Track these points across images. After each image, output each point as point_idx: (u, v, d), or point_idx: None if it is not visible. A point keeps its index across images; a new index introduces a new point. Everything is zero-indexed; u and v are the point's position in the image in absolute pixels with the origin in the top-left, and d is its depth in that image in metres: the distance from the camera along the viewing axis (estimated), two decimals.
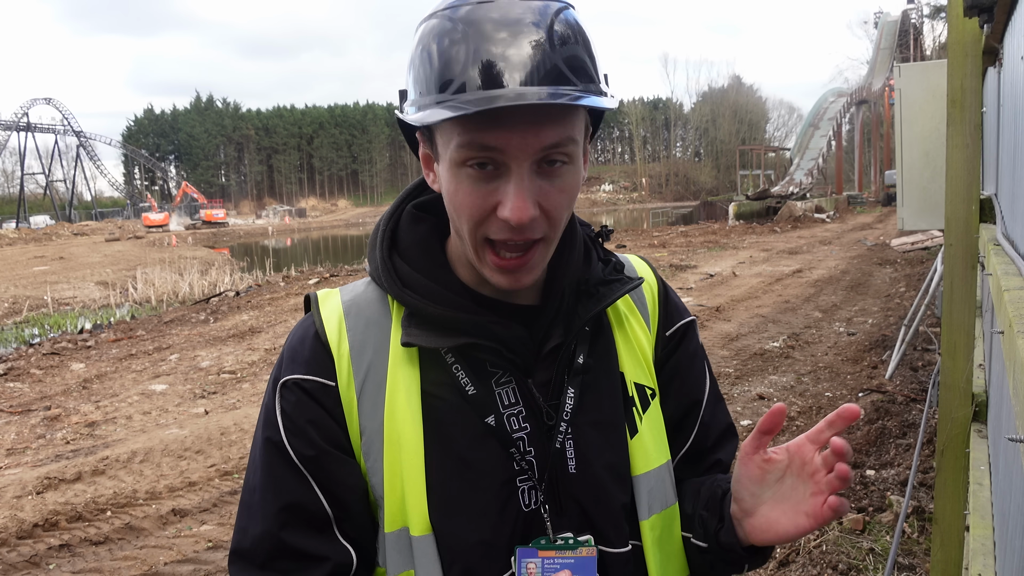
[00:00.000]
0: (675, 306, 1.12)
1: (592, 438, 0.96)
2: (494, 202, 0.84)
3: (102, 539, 4.48)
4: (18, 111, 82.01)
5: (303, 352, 0.94)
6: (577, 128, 0.86)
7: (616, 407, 0.99)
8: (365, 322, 0.96)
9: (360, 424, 0.92)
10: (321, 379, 0.92)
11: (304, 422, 0.91)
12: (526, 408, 0.94)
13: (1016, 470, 1.49)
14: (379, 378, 0.93)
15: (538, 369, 0.96)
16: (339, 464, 0.91)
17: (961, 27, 2.51)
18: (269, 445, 0.92)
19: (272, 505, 0.91)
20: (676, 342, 1.09)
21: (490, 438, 0.92)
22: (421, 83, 0.85)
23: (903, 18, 49.61)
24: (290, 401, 0.92)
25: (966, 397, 2.56)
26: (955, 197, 2.57)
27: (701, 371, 1.12)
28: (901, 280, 12.83)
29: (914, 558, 3.59)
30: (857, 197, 42.09)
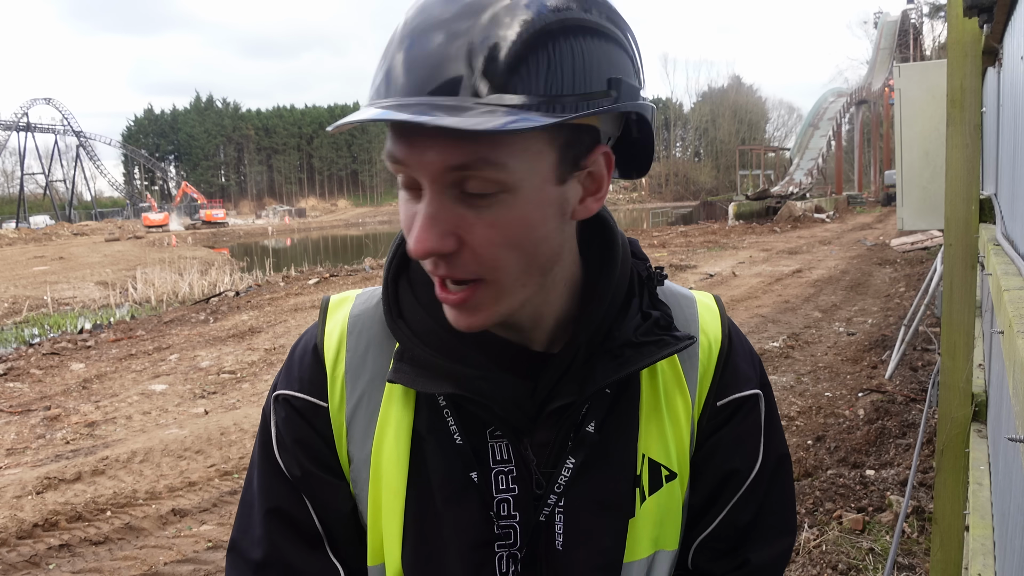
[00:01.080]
0: (736, 372, 0.92)
1: (587, 517, 0.84)
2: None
3: (102, 539, 4.48)
4: (18, 111, 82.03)
5: (300, 366, 0.89)
6: (506, 149, 0.68)
7: (623, 487, 0.86)
8: (367, 343, 0.88)
9: (349, 451, 0.86)
10: (313, 399, 0.87)
11: (292, 441, 0.86)
12: (518, 468, 0.83)
13: (1016, 470, 1.49)
14: (372, 408, 0.85)
15: (540, 428, 0.84)
16: (326, 486, 0.86)
17: (961, 27, 2.51)
18: (265, 451, 0.89)
19: (265, 501, 0.88)
20: (725, 418, 0.91)
21: (471, 495, 0.82)
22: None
23: (903, 18, 49.62)
24: (281, 417, 0.88)
25: (966, 397, 2.56)
26: (955, 197, 2.57)
27: (751, 452, 0.92)
28: (901, 280, 12.83)
29: (914, 558, 3.59)
30: (857, 197, 42.09)
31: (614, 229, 0.87)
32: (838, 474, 4.59)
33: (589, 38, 0.69)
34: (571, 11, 0.69)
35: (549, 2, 0.68)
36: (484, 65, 0.65)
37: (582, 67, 0.69)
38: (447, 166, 0.68)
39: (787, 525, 0.95)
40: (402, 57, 0.67)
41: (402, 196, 0.74)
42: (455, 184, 0.69)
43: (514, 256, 0.72)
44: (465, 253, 0.71)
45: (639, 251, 0.91)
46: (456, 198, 0.70)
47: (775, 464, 0.93)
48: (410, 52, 0.67)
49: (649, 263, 0.91)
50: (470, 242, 0.71)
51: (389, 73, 0.68)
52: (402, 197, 0.74)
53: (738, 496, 0.91)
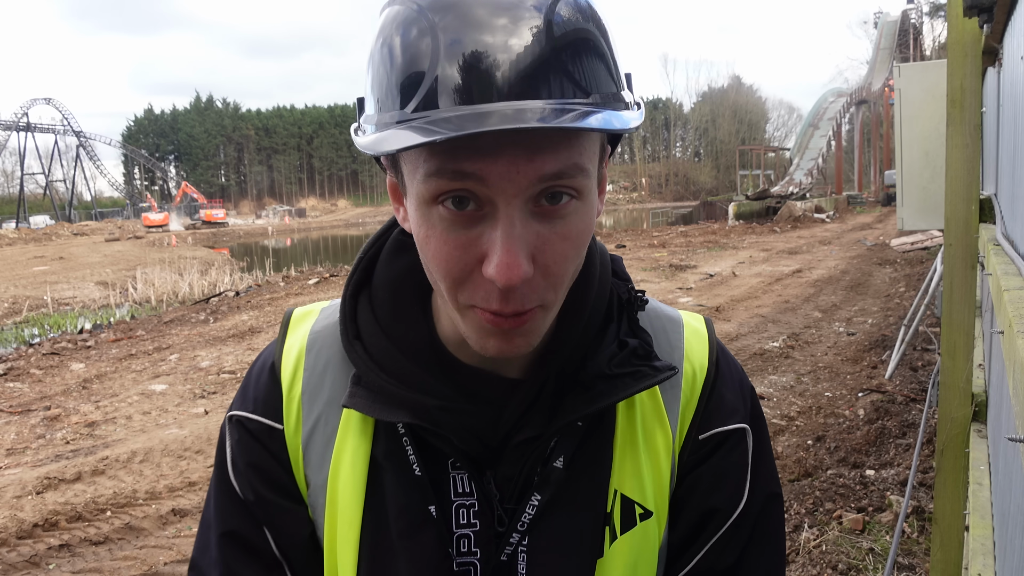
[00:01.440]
0: (722, 403, 0.84)
1: (552, 558, 0.77)
2: (477, 254, 0.64)
3: (102, 539, 4.48)
4: (18, 111, 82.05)
5: (256, 386, 0.84)
6: (588, 152, 0.65)
7: (592, 527, 0.79)
8: (325, 363, 0.82)
9: (306, 474, 0.81)
10: (268, 421, 0.82)
11: (246, 464, 0.82)
12: (479, 503, 0.77)
13: (1016, 470, 1.49)
14: (329, 432, 0.80)
15: (505, 460, 0.77)
16: (282, 512, 0.81)
17: (961, 27, 2.51)
18: (220, 473, 0.84)
19: (221, 524, 0.83)
20: (707, 452, 0.83)
21: (428, 529, 0.76)
22: (380, 91, 0.65)
23: (903, 18, 49.63)
24: (235, 439, 0.83)
25: (966, 397, 2.56)
26: (955, 197, 2.57)
27: (734, 490, 0.83)
28: (901, 280, 12.83)
29: (914, 558, 3.59)
30: (857, 197, 42.10)
31: (593, 243, 0.80)
32: (838, 474, 4.59)
33: (608, 32, 0.67)
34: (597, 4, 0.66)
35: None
36: (577, 60, 0.61)
37: (618, 60, 0.67)
38: (541, 176, 0.62)
39: (776, 570, 0.86)
40: (481, 52, 0.59)
41: (436, 219, 0.65)
42: (533, 198, 0.63)
43: (574, 269, 0.69)
44: (536, 274, 0.65)
45: (621, 270, 0.85)
46: (531, 214, 0.64)
47: (763, 504, 0.85)
48: (487, 48, 0.59)
49: (631, 284, 0.84)
50: (543, 261, 0.65)
51: (468, 73, 0.59)
52: (436, 220, 0.65)
53: (717, 537, 0.83)
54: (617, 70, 0.66)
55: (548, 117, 0.58)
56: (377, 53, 0.66)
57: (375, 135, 0.65)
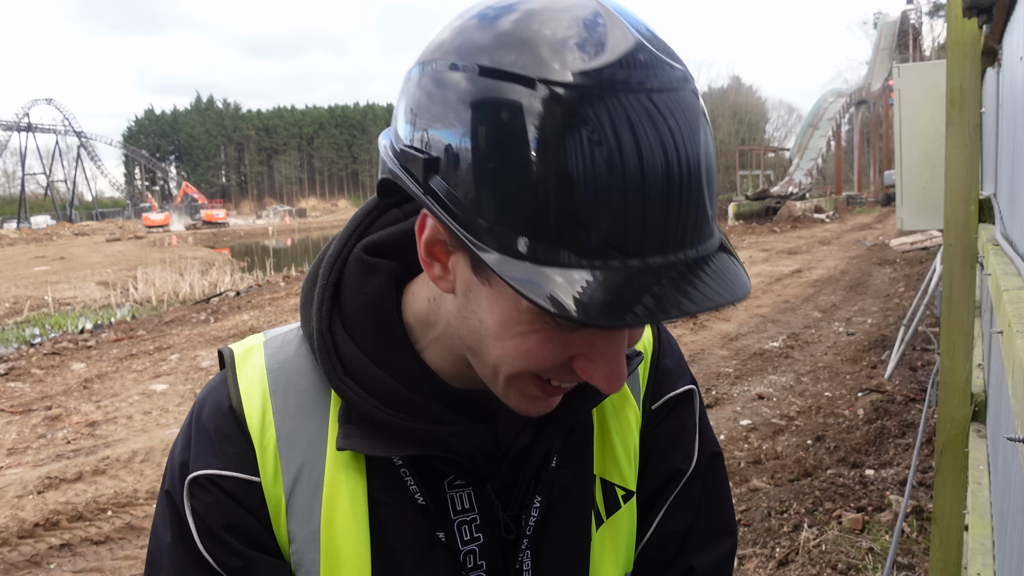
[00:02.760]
0: (667, 372, 0.88)
1: (553, 555, 0.80)
2: (571, 353, 0.62)
3: (103, 538, 4.48)
4: (19, 111, 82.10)
5: (216, 437, 0.74)
6: None
7: (583, 515, 0.82)
8: (296, 403, 0.75)
9: (289, 530, 0.74)
10: (242, 475, 0.73)
11: (222, 528, 0.72)
12: (481, 516, 0.78)
13: (1015, 470, 1.49)
14: (315, 478, 0.74)
15: (504, 469, 0.78)
16: (270, 568, 0.74)
17: (960, 28, 2.51)
18: (179, 551, 0.73)
19: None
20: (661, 417, 0.88)
21: (438, 554, 0.76)
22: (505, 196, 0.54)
23: (902, 19, 49.59)
24: (204, 502, 0.73)
25: (965, 397, 2.57)
26: (954, 197, 2.57)
27: (687, 449, 0.88)
28: (900, 280, 12.83)
29: (913, 557, 3.59)
30: (856, 197, 42.08)
31: None
32: (838, 474, 4.60)
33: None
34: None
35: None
36: (713, 200, 0.58)
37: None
38: None
39: (727, 526, 0.91)
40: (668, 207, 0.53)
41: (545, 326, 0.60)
42: None
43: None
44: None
45: None
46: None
47: (708, 462, 0.90)
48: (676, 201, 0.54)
49: None
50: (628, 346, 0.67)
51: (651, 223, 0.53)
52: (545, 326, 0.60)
53: (674, 496, 0.87)
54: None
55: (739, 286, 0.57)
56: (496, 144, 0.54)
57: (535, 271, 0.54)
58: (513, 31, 0.56)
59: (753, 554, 3.79)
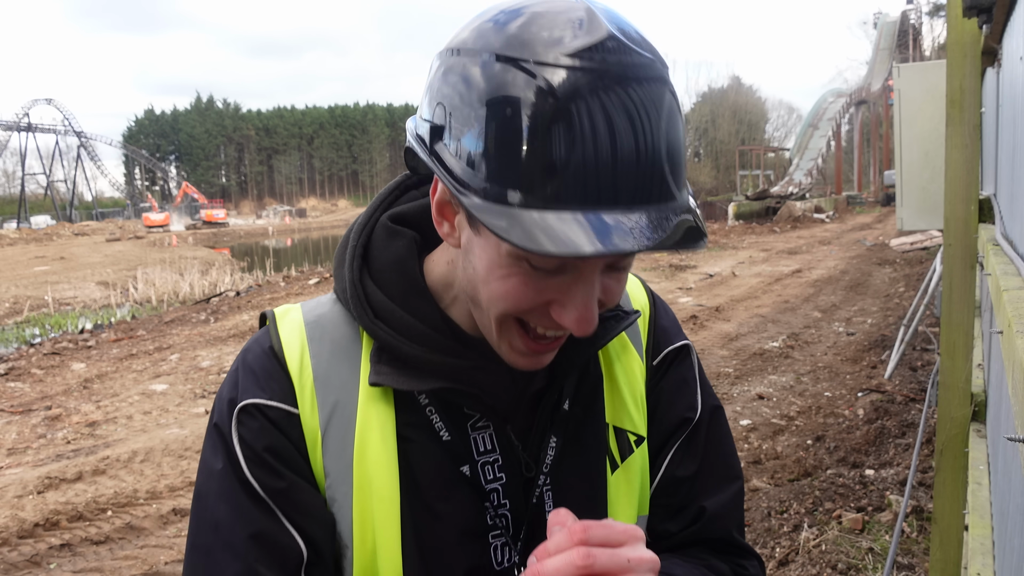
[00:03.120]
0: (664, 330, 0.98)
1: (573, 494, 0.86)
2: (549, 297, 0.71)
3: (103, 538, 4.48)
4: (19, 111, 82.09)
5: (261, 374, 0.82)
6: None
7: (599, 457, 0.89)
8: (331, 348, 0.84)
9: (324, 464, 0.80)
10: (285, 406, 0.81)
11: (265, 450, 0.79)
12: (503, 456, 0.84)
13: (1015, 470, 1.50)
14: (348, 415, 0.81)
15: (518, 414, 0.86)
16: (309, 495, 0.80)
17: (960, 27, 2.51)
18: (228, 477, 0.80)
19: (240, 539, 0.78)
20: (664, 370, 0.96)
21: (463, 489, 0.82)
22: (500, 161, 0.63)
23: (902, 19, 49.60)
24: (251, 429, 0.80)
25: (965, 397, 2.57)
26: (954, 197, 2.57)
27: (690, 399, 0.96)
28: (900, 280, 12.83)
29: (913, 557, 3.59)
30: (856, 197, 42.08)
31: None
32: (838, 474, 4.60)
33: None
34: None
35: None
36: (675, 167, 0.66)
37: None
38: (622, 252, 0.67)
39: (732, 471, 0.98)
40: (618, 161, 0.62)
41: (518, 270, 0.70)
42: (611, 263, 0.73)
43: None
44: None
45: None
46: (602, 271, 0.73)
47: (711, 414, 0.97)
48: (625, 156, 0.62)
49: None
50: (603, 300, 0.74)
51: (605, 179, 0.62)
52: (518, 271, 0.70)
53: (678, 445, 0.94)
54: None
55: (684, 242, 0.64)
56: (492, 113, 0.64)
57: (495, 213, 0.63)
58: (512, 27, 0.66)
59: None
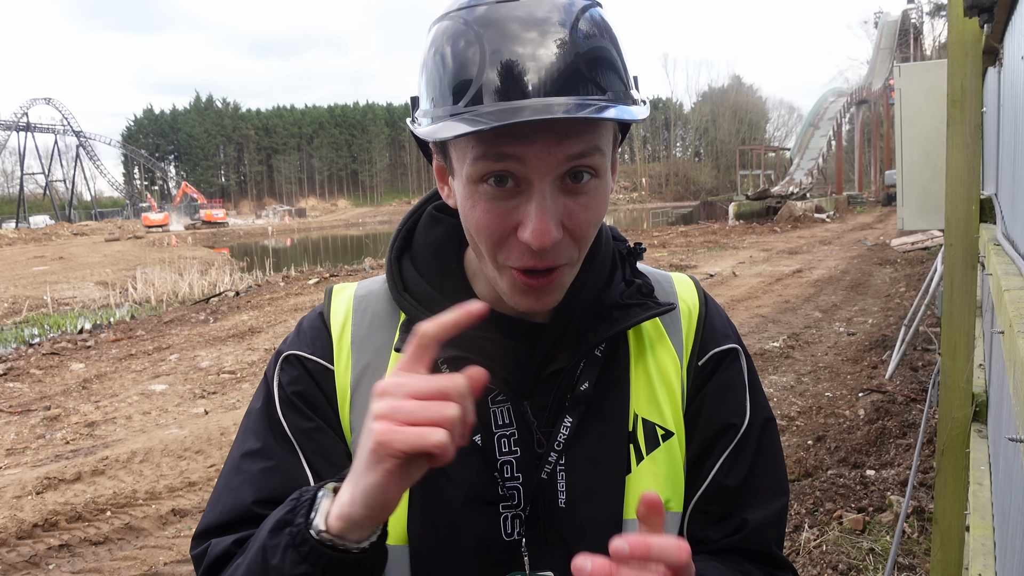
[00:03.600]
0: (714, 332, 0.99)
1: (587, 473, 0.89)
2: (514, 222, 0.78)
3: (102, 539, 4.48)
4: (18, 111, 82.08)
5: (308, 333, 0.94)
6: (604, 137, 0.79)
7: (617, 444, 0.90)
8: (371, 318, 0.94)
9: (351, 419, 0.90)
10: (321, 360, 0.92)
11: (296, 395, 0.90)
12: (519, 431, 0.88)
13: (1016, 470, 1.49)
14: (376, 379, 0.85)
15: (538, 392, 0.90)
16: (331, 440, 0.89)
17: (961, 27, 2.51)
18: (263, 415, 0.91)
19: (257, 469, 0.87)
20: (709, 372, 0.97)
21: (475, 457, 0.87)
22: (434, 91, 0.79)
23: (903, 18, 49.63)
24: (289, 374, 0.92)
25: (966, 397, 2.56)
26: (955, 197, 2.57)
27: (737, 404, 0.96)
28: (901, 280, 12.83)
29: (914, 558, 3.59)
30: (857, 197, 42.11)
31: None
32: (838, 474, 4.59)
33: (619, 41, 0.80)
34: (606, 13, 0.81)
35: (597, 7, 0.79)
36: (595, 64, 0.75)
37: (627, 66, 0.81)
38: (568, 155, 0.76)
39: (780, 486, 0.97)
40: (518, 58, 0.73)
41: (481, 195, 0.78)
42: (561, 177, 0.77)
43: (594, 234, 0.84)
44: (564, 237, 0.79)
45: (618, 234, 1.01)
46: (559, 190, 0.78)
47: (762, 425, 0.97)
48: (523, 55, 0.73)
49: (627, 242, 1.00)
50: (571, 227, 0.79)
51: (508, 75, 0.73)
52: (481, 195, 0.78)
53: (728, 451, 0.94)
54: (627, 73, 0.81)
55: (572, 110, 0.72)
56: (431, 60, 0.79)
57: (431, 126, 0.77)
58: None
59: None
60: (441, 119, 0.76)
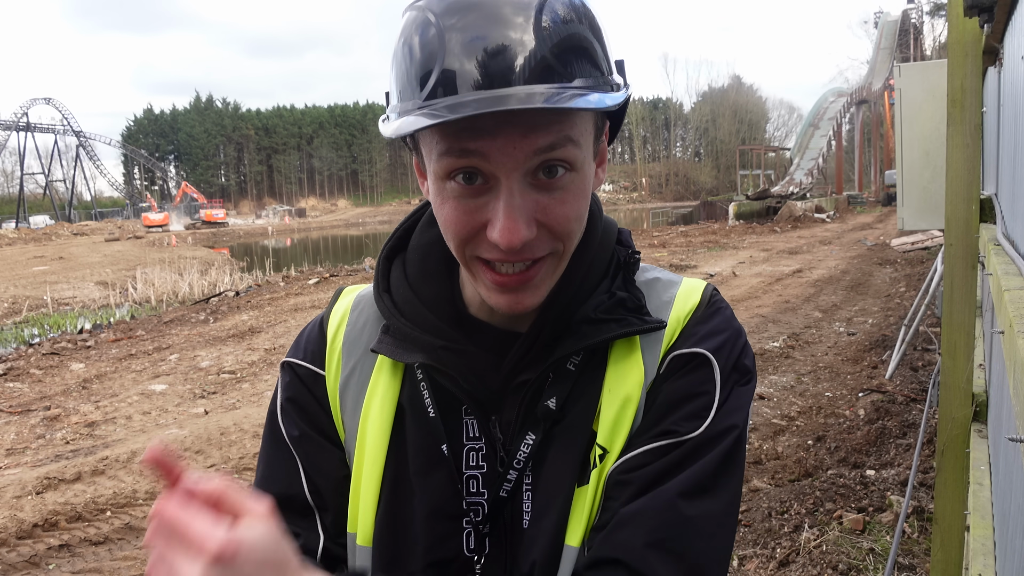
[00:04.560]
0: (688, 336, 0.85)
1: (548, 495, 0.83)
2: (482, 220, 0.74)
3: (102, 539, 4.47)
4: (18, 111, 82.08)
5: (307, 339, 0.95)
6: (579, 128, 0.74)
7: (578, 463, 0.83)
8: (364, 320, 0.94)
9: (343, 420, 0.90)
10: (314, 367, 0.92)
11: (289, 401, 0.92)
12: (487, 446, 0.85)
13: (1016, 470, 1.49)
14: (363, 380, 0.90)
15: (507, 405, 0.85)
16: (319, 450, 0.90)
17: (961, 27, 2.50)
18: (271, 420, 0.94)
19: (263, 486, 0.91)
20: (665, 375, 0.84)
21: (440, 468, 0.84)
22: (401, 84, 0.75)
23: (903, 18, 49.63)
24: (284, 381, 0.94)
25: (966, 397, 2.56)
26: (955, 197, 2.57)
27: (691, 414, 0.81)
28: (901, 280, 12.83)
29: (914, 558, 3.59)
30: (857, 197, 42.11)
31: (595, 212, 0.89)
32: (838, 474, 4.59)
33: (598, 24, 0.76)
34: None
35: None
36: (562, 50, 0.70)
37: (607, 48, 0.77)
38: (535, 149, 0.71)
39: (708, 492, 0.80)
40: (476, 47, 0.69)
41: (449, 192, 0.75)
42: (531, 172, 0.73)
43: (578, 226, 0.79)
44: (542, 232, 0.75)
45: (626, 239, 0.93)
46: (530, 185, 0.74)
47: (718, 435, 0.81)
48: (482, 44, 0.69)
49: (633, 250, 0.91)
50: (547, 222, 0.75)
51: (465, 66, 0.69)
52: (449, 193, 0.75)
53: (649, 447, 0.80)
54: (607, 58, 0.76)
55: (526, 100, 0.67)
56: (399, 52, 0.76)
57: (396, 121, 0.74)
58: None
59: (754, 554, 3.78)
60: (407, 113, 0.73)
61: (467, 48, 0.69)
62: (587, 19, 0.73)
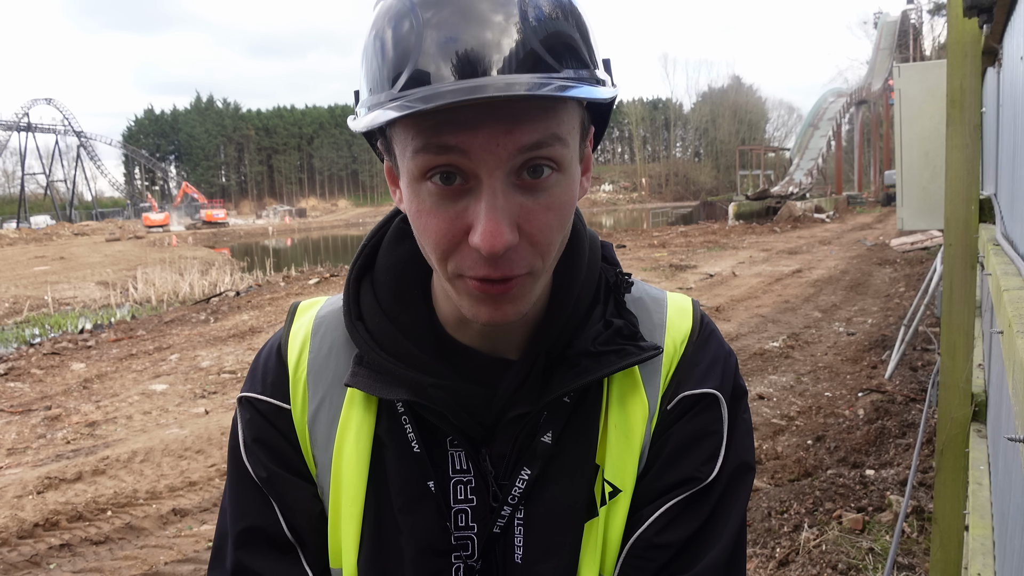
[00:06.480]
0: (692, 372, 0.84)
1: (547, 531, 0.80)
2: (464, 226, 0.68)
3: (103, 539, 4.48)
4: (19, 111, 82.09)
5: (264, 369, 0.87)
6: (566, 125, 0.68)
7: (581, 499, 0.81)
8: (329, 345, 0.85)
9: (314, 454, 0.84)
10: (276, 401, 0.85)
11: (254, 441, 0.85)
12: (476, 479, 0.81)
13: (1015, 470, 1.49)
14: (333, 412, 0.83)
15: (499, 438, 0.81)
16: (292, 488, 0.84)
17: (960, 27, 2.51)
18: (234, 456, 0.87)
19: (235, 522, 0.85)
20: (675, 417, 0.83)
21: (427, 503, 0.80)
22: (371, 77, 0.69)
23: (903, 18, 49.61)
24: (244, 419, 0.86)
25: (965, 397, 2.56)
26: (954, 197, 2.57)
27: (704, 457, 0.82)
28: (901, 280, 12.83)
29: (913, 558, 3.59)
30: (857, 197, 42.09)
31: (579, 229, 0.84)
32: (838, 474, 4.60)
33: (584, 19, 0.71)
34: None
35: None
36: (548, 40, 0.65)
37: (593, 44, 0.71)
38: (520, 146, 0.65)
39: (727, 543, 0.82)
40: (454, 36, 0.63)
41: (425, 194, 0.68)
42: (515, 171, 0.67)
43: (560, 238, 0.72)
44: (523, 243, 0.69)
45: (611, 255, 0.88)
46: (514, 186, 0.67)
47: (729, 477, 0.83)
48: (460, 33, 0.63)
49: (619, 268, 0.87)
50: (529, 230, 0.69)
51: (442, 55, 0.64)
52: (425, 195, 0.68)
53: (673, 503, 0.81)
54: (593, 54, 0.70)
55: (506, 88, 0.61)
56: (370, 45, 0.70)
57: (365, 117, 0.68)
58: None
59: (753, 554, 3.79)
60: (377, 107, 0.66)
61: (444, 35, 0.64)
62: (575, 14, 0.68)
